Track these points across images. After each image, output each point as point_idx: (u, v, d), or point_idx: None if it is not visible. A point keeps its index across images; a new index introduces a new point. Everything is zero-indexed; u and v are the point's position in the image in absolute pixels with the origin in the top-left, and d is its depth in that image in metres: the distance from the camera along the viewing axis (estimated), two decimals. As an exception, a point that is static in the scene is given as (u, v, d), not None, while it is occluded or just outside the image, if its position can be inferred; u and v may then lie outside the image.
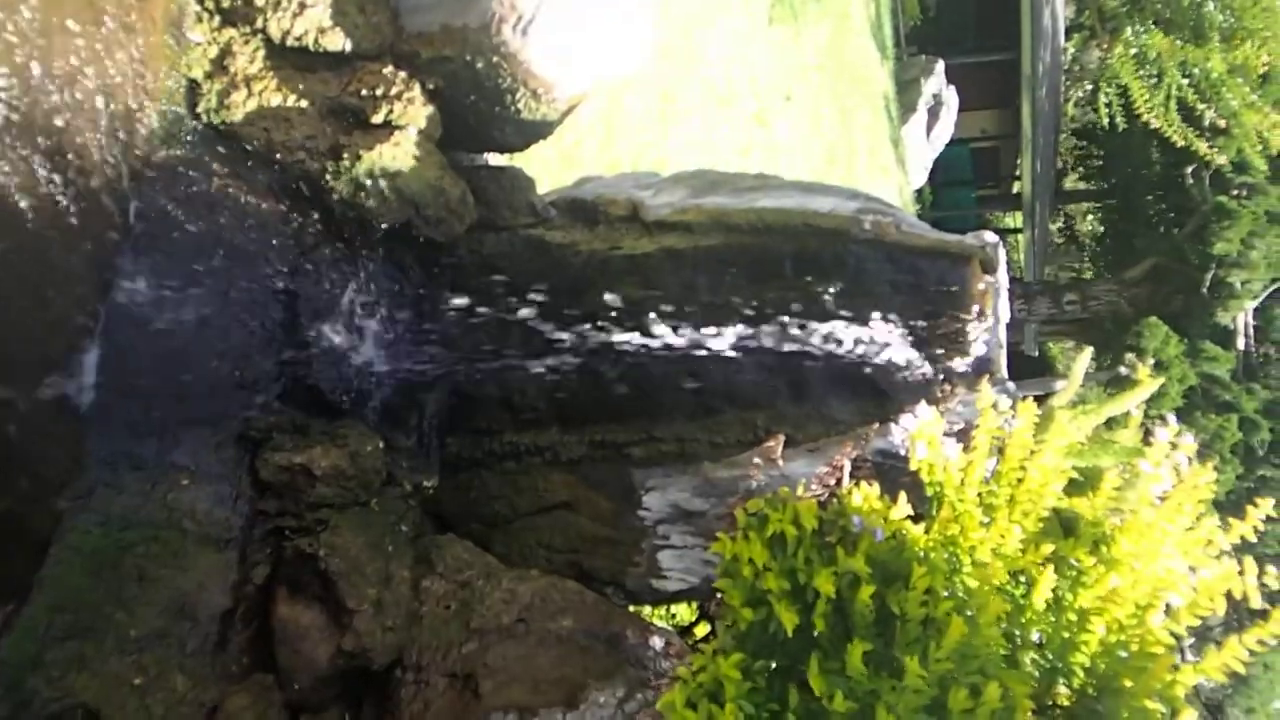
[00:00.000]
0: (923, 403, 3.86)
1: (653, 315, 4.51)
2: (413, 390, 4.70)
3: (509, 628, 4.07)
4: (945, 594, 3.22)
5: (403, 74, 4.21)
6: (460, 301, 4.72)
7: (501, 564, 4.40)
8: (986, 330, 4.42)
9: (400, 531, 4.32)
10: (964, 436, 3.91)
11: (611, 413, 4.66)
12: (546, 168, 7.07)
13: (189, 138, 3.94)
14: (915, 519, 3.55)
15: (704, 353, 4.50)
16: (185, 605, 3.77)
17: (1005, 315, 4.58)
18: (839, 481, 4.08)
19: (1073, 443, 5.19)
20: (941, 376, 4.46)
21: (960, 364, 4.45)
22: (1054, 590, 3.38)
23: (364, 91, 4.16)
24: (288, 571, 4.07)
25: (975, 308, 4.37)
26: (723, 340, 4.47)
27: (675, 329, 4.49)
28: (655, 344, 4.52)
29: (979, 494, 3.63)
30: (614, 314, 4.56)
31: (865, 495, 3.50)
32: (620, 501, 4.62)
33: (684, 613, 5.96)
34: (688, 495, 4.48)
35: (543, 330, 4.64)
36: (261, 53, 4.04)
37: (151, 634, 3.65)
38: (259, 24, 4.00)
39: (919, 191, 21.00)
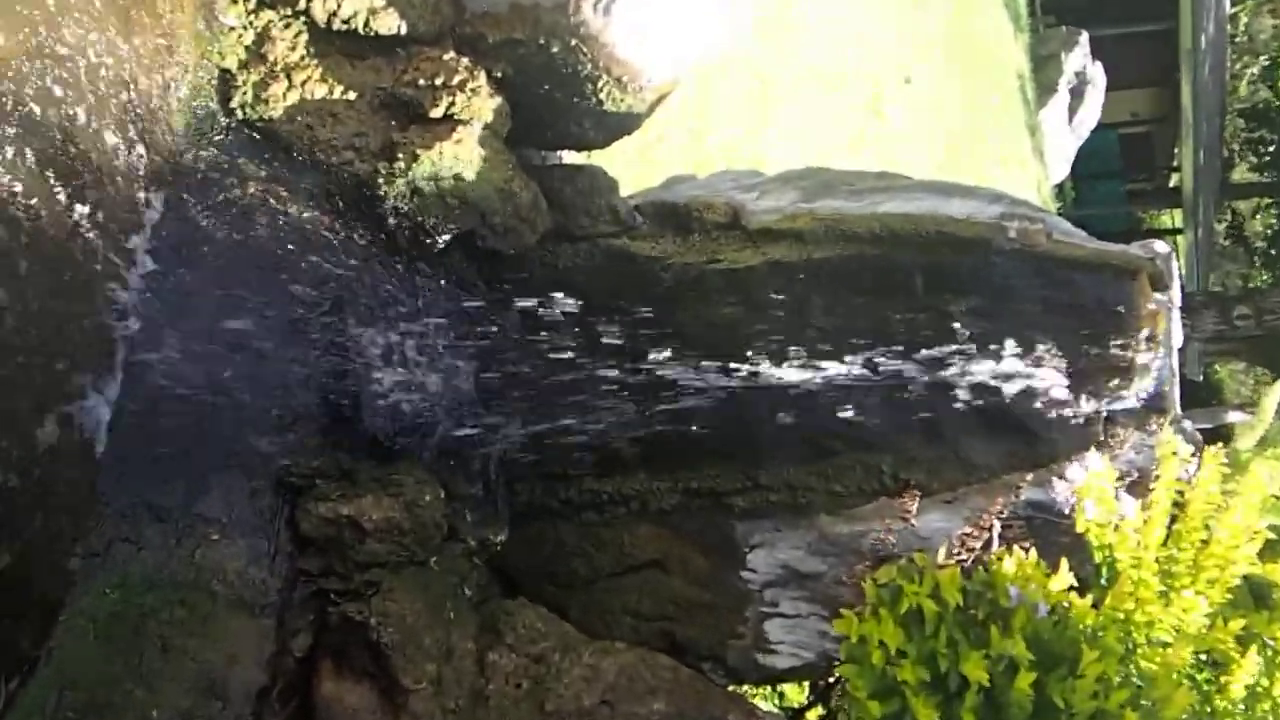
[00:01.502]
0: (1092, 450, 3.75)
1: (758, 339, 4.45)
2: (478, 429, 4.67)
3: (590, 711, 4.01)
4: (1119, 681, 3.12)
5: (466, 60, 4.19)
6: (532, 323, 4.69)
7: (580, 634, 4.35)
8: (1157, 359, 4.30)
9: (463, 595, 4.30)
10: (1137, 489, 3.81)
11: (710, 455, 4.60)
12: (627, 165, 7.03)
13: (220, 136, 3.95)
14: (1079, 589, 3.45)
15: (819, 385, 4.42)
16: (215, 681, 3.76)
17: (1178, 340, 4.48)
18: (987, 544, 3.97)
19: (1265, 495, 5.02)
20: (1104, 415, 4.34)
21: (1126, 399, 4.33)
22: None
23: (421, 81, 4.14)
24: (333, 641, 4.05)
25: (1143, 332, 4.27)
26: (841, 370, 4.40)
27: (785, 356, 4.42)
28: (761, 373, 4.45)
29: (1157, 559, 3.52)
30: (712, 338, 4.51)
31: (1019, 561, 3.41)
32: (720, 560, 4.57)
33: (792, 693, 5.88)
34: (801, 553, 4.42)
35: (629, 357, 4.59)
36: (304, 38, 4.04)
37: (176, 715, 3.64)
38: (301, 4, 4.00)
39: (1059, 186, 20.71)
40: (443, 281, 4.57)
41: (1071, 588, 3.41)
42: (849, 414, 4.42)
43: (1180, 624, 3.37)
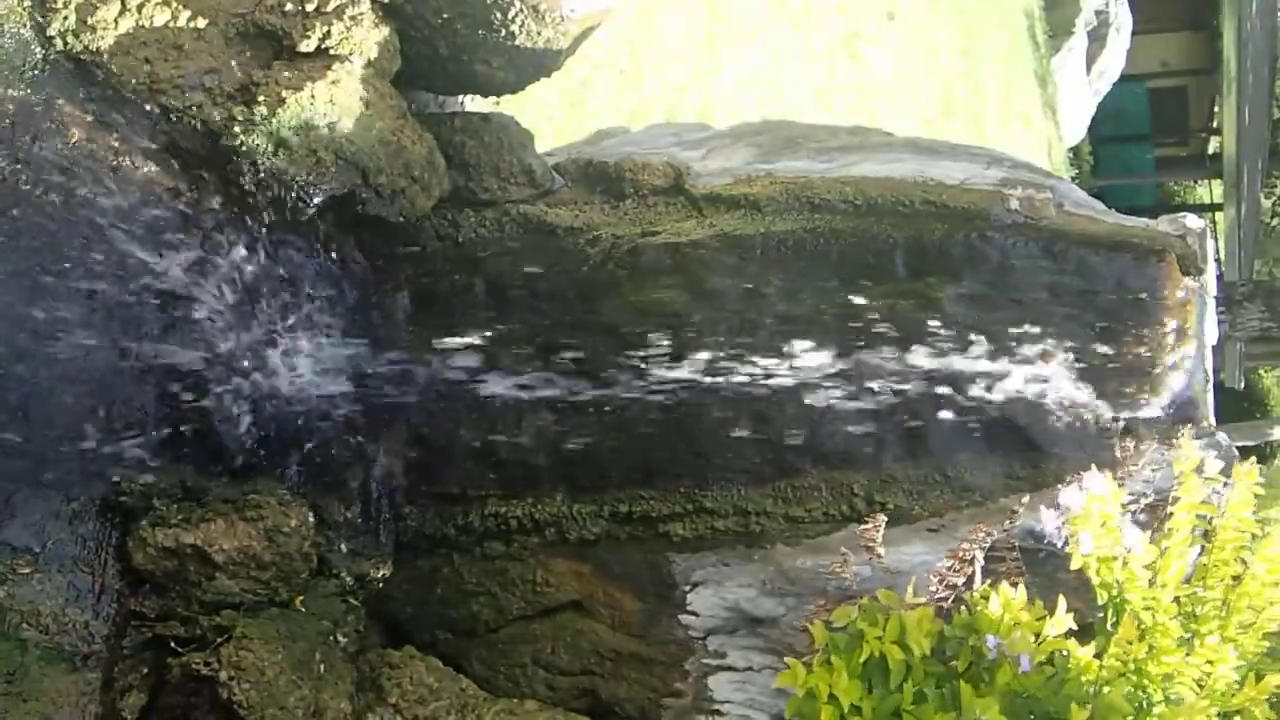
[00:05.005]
0: (1093, 465, 3.79)
1: (704, 330, 4.47)
2: (356, 438, 4.68)
3: (493, 786, 4.03)
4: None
5: (346, -19, 4.20)
6: (424, 309, 4.70)
7: (482, 691, 4.37)
8: (1187, 357, 4.36)
9: (336, 644, 4.30)
10: (1155, 514, 3.85)
11: (643, 473, 4.61)
12: (546, 114, 7.04)
13: (35, 72, 3.91)
14: (1081, 636, 3.50)
15: (778, 388, 4.45)
16: (26, 750, 3.74)
17: (1213, 337, 4.55)
18: (969, 580, 4.02)
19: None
20: (1122, 424, 4.40)
21: (1149, 406, 4.39)
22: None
23: (289, 6, 4.14)
24: (173, 702, 4.03)
25: (1171, 325, 4.32)
26: (805, 369, 4.42)
27: (736, 352, 4.44)
28: (708, 371, 4.47)
29: (1177, 599, 3.56)
30: (647, 329, 4.52)
31: (1006, 601, 3.44)
32: (654, 602, 4.59)
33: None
34: (753, 593, 4.43)
35: (544, 352, 4.61)
36: (142, -52, 4.03)
37: (-26, 796, 3.63)
38: (138, -95, 4.00)
39: (1074, 150, 20.94)
40: (313, 256, 4.57)
41: (1071, 633, 3.44)
42: (814, 424, 4.45)
43: (1205, 679, 3.39)
